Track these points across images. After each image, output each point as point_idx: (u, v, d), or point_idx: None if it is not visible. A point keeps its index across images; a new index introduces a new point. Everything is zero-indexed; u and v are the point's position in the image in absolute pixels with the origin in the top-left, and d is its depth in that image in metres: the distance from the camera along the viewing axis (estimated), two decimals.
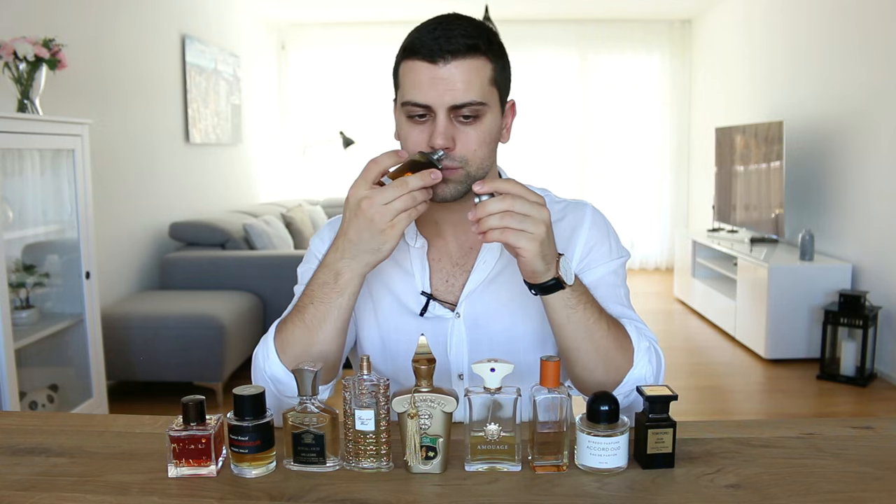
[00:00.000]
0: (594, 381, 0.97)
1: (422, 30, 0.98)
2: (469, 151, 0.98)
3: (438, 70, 0.95)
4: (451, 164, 0.98)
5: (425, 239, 1.11)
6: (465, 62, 0.95)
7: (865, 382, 3.50)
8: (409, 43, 0.98)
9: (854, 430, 0.98)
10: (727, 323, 4.45)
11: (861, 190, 3.81)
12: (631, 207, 6.71)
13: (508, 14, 5.86)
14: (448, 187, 0.99)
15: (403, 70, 0.99)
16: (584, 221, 1.11)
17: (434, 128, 0.96)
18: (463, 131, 0.98)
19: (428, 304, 1.08)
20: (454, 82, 0.95)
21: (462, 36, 0.95)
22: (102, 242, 3.22)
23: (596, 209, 1.15)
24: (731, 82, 5.63)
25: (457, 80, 0.95)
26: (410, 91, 0.97)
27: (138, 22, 3.87)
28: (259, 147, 5.97)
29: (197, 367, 3.23)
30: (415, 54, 0.96)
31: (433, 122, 0.97)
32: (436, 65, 0.95)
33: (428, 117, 0.97)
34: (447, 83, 0.95)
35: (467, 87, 0.95)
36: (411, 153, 0.98)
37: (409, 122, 0.99)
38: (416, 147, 0.99)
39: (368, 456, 0.86)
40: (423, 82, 0.95)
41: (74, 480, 0.85)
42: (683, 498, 0.80)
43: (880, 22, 3.63)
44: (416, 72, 0.96)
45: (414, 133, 0.99)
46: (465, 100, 0.95)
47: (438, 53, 0.94)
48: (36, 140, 2.51)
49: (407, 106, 0.98)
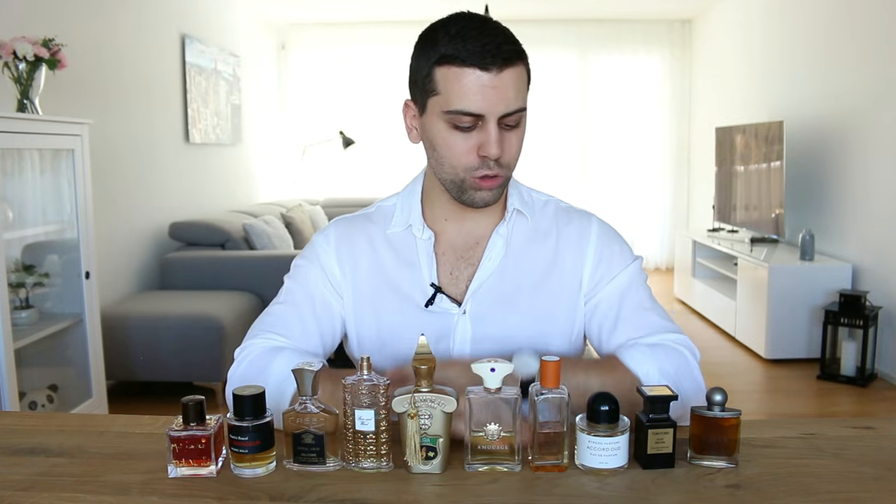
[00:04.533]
0: None
1: (463, 36, 0.94)
2: (512, 157, 1.00)
3: (493, 78, 0.94)
4: (499, 173, 0.99)
5: (432, 231, 1.10)
6: (514, 70, 0.95)
7: (866, 382, 3.50)
8: (451, 49, 0.95)
9: (854, 430, 0.98)
10: (727, 323, 4.45)
11: (861, 190, 3.81)
12: (631, 207, 6.71)
13: (508, 14, 5.86)
14: (491, 194, 1.01)
15: (446, 77, 0.96)
16: (591, 235, 1.12)
17: (486, 137, 0.96)
18: (507, 138, 0.98)
19: (435, 297, 1.08)
20: (506, 90, 0.94)
21: (507, 42, 0.95)
22: (102, 242, 3.22)
23: (601, 220, 1.16)
24: (732, 82, 5.63)
25: (509, 87, 0.95)
26: (459, 100, 0.95)
27: (138, 22, 3.87)
28: (259, 147, 5.97)
29: (197, 367, 3.23)
30: (463, 61, 0.94)
31: (480, 130, 0.96)
32: (489, 73, 0.94)
33: (474, 125, 0.96)
34: (499, 92, 0.94)
35: (517, 94, 0.96)
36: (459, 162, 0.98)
37: (454, 132, 0.98)
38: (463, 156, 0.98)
39: (368, 456, 0.86)
40: (475, 91, 0.94)
41: (74, 480, 0.85)
42: (683, 498, 0.80)
43: (880, 22, 3.62)
44: (466, 79, 0.94)
45: (460, 141, 0.98)
46: (516, 107, 0.96)
47: (491, 62, 0.93)
48: (36, 140, 2.51)
49: (453, 115, 0.96)
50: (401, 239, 1.12)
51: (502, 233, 1.09)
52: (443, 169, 1.02)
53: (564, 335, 1.10)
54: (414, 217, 1.10)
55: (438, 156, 1.01)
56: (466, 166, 0.99)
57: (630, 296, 1.09)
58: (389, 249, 1.12)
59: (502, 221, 1.10)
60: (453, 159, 0.99)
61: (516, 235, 1.11)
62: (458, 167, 1.00)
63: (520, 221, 1.11)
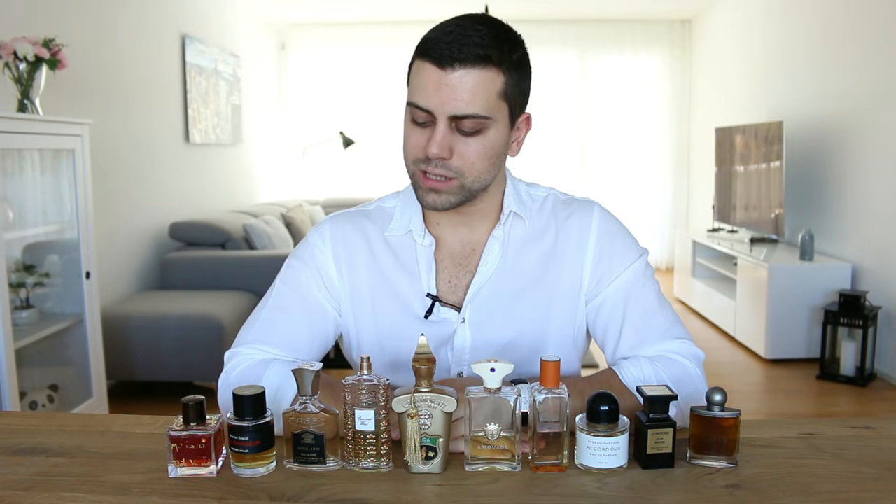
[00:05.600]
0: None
1: (438, 30, 0.94)
2: (466, 163, 0.96)
3: (445, 76, 0.92)
4: (446, 174, 0.96)
5: (433, 237, 1.08)
6: (474, 72, 0.92)
7: (865, 382, 3.50)
8: (423, 42, 0.95)
9: (854, 430, 0.98)
10: (727, 323, 4.45)
11: (861, 190, 3.81)
12: (631, 207, 6.70)
13: (508, 14, 5.83)
14: (440, 197, 0.98)
15: (414, 70, 0.97)
16: (591, 229, 1.08)
17: (433, 135, 0.94)
18: (463, 142, 0.95)
19: (433, 307, 1.06)
20: (459, 91, 0.92)
21: (476, 45, 0.91)
22: (102, 242, 3.22)
23: (604, 210, 1.11)
24: (731, 82, 5.63)
25: (462, 89, 0.92)
26: (415, 93, 0.95)
27: (138, 22, 3.87)
28: (259, 147, 5.97)
29: (197, 367, 3.23)
30: (426, 56, 0.94)
31: (434, 128, 0.94)
32: (443, 70, 0.92)
33: (429, 122, 0.95)
34: (452, 91, 0.92)
35: (472, 98, 0.92)
36: (409, 154, 0.98)
37: (411, 124, 0.97)
38: (413, 149, 0.97)
39: (368, 456, 0.86)
40: (428, 86, 0.93)
41: (74, 480, 0.85)
42: (683, 498, 0.80)
43: (880, 22, 3.62)
44: (424, 74, 0.94)
45: (414, 135, 0.97)
46: (468, 111, 0.92)
47: (447, 59, 0.91)
48: (36, 140, 2.51)
49: (411, 107, 0.96)
50: (399, 242, 1.09)
51: (498, 236, 1.07)
52: (404, 161, 1.01)
53: (566, 336, 1.09)
54: (415, 222, 1.08)
55: (403, 146, 1.01)
56: (414, 158, 0.98)
57: (634, 297, 1.06)
58: (388, 251, 1.09)
59: (498, 224, 1.07)
60: (406, 151, 0.99)
61: (513, 238, 1.08)
62: (409, 159, 0.99)
63: (517, 223, 1.09)
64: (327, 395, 0.93)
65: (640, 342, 1.05)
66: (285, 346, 1.05)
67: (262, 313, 1.08)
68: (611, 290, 1.07)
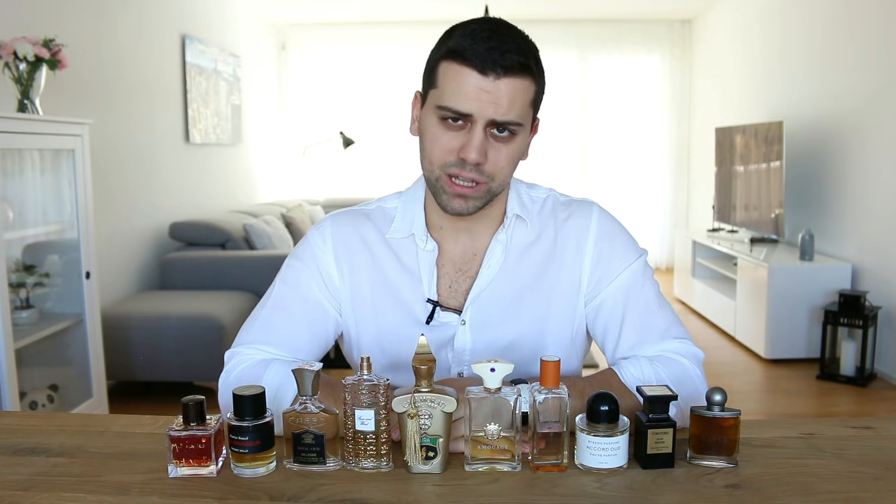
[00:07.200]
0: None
1: (473, 35, 0.94)
2: (497, 168, 0.97)
3: (487, 82, 0.92)
4: (479, 179, 0.97)
5: (436, 242, 1.08)
6: (515, 81, 0.93)
7: (865, 382, 3.50)
8: (457, 46, 0.94)
9: (854, 430, 0.98)
10: (727, 323, 4.45)
11: (861, 190, 3.81)
12: (631, 207, 6.70)
13: (508, 14, 5.81)
14: (467, 203, 0.98)
15: (447, 72, 0.95)
16: (589, 230, 1.08)
17: (469, 139, 0.94)
18: (495, 147, 0.96)
19: (434, 313, 1.06)
20: (500, 98, 0.93)
21: (516, 52, 0.93)
22: (102, 242, 3.22)
23: (602, 211, 1.11)
24: (731, 82, 5.63)
25: (503, 96, 0.93)
26: (453, 97, 0.94)
27: (138, 22, 3.87)
28: (259, 147, 5.97)
29: (197, 367, 3.23)
30: (464, 60, 0.93)
31: (468, 132, 0.95)
32: (485, 77, 0.92)
33: (463, 126, 0.95)
34: (492, 97, 0.93)
35: (511, 105, 0.94)
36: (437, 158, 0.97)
37: (442, 125, 0.96)
38: (444, 153, 0.96)
39: (368, 456, 0.86)
40: (467, 91, 0.93)
41: (74, 480, 0.85)
42: (683, 498, 0.80)
43: (880, 22, 3.63)
44: (462, 78, 0.93)
45: (445, 138, 0.96)
46: (507, 118, 0.94)
47: (490, 66, 0.92)
48: (36, 140, 2.51)
49: (444, 110, 0.95)
50: (400, 245, 1.09)
51: (501, 239, 1.07)
52: (424, 164, 1.00)
53: (564, 337, 1.09)
54: (417, 226, 1.08)
55: (424, 149, 1.00)
56: (443, 162, 0.97)
57: (633, 297, 1.06)
58: (389, 253, 1.09)
59: (501, 228, 1.07)
60: (433, 154, 0.98)
61: (516, 241, 1.08)
62: (436, 163, 0.98)
63: (519, 226, 1.09)
64: (327, 395, 0.93)
65: (640, 342, 1.05)
66: (285, 345, 1.05)
67: (262, 313, 1.08)
68: (610, 290, 1.07)
